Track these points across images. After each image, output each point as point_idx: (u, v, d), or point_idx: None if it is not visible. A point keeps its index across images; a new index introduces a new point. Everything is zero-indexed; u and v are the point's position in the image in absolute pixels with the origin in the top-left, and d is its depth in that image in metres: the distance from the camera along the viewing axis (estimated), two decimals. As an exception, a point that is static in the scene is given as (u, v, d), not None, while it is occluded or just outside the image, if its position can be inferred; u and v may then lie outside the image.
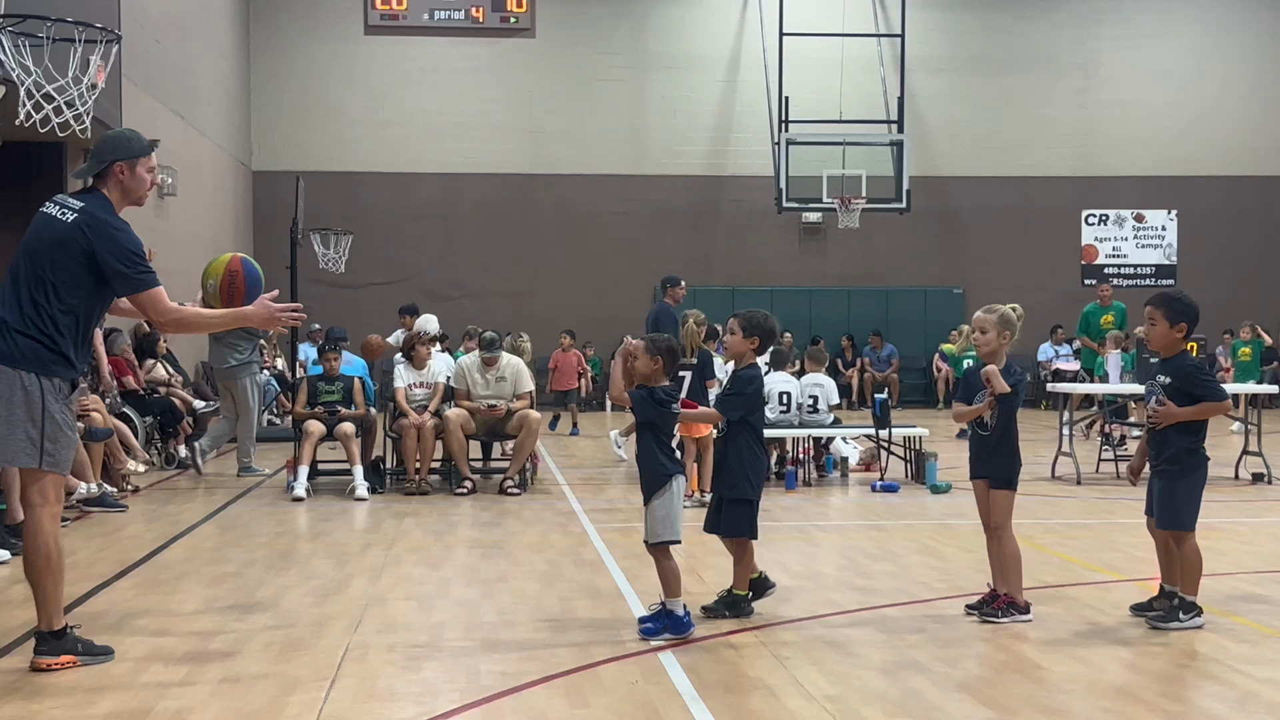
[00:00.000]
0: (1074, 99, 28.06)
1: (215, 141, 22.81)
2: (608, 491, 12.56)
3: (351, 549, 9.17)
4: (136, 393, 14.13)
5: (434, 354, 13.05)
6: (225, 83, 24.00)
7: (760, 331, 7.03)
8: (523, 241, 27.19)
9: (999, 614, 6.75)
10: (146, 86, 17.45)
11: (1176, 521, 6.68)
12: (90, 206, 5.87)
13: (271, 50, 26.71)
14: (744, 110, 27.36)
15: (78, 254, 5.74)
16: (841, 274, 27.73)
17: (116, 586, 7.73)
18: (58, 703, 5.24)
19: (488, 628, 6.64)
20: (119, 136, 6.20)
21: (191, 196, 20.53)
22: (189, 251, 20.66)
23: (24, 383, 5.66)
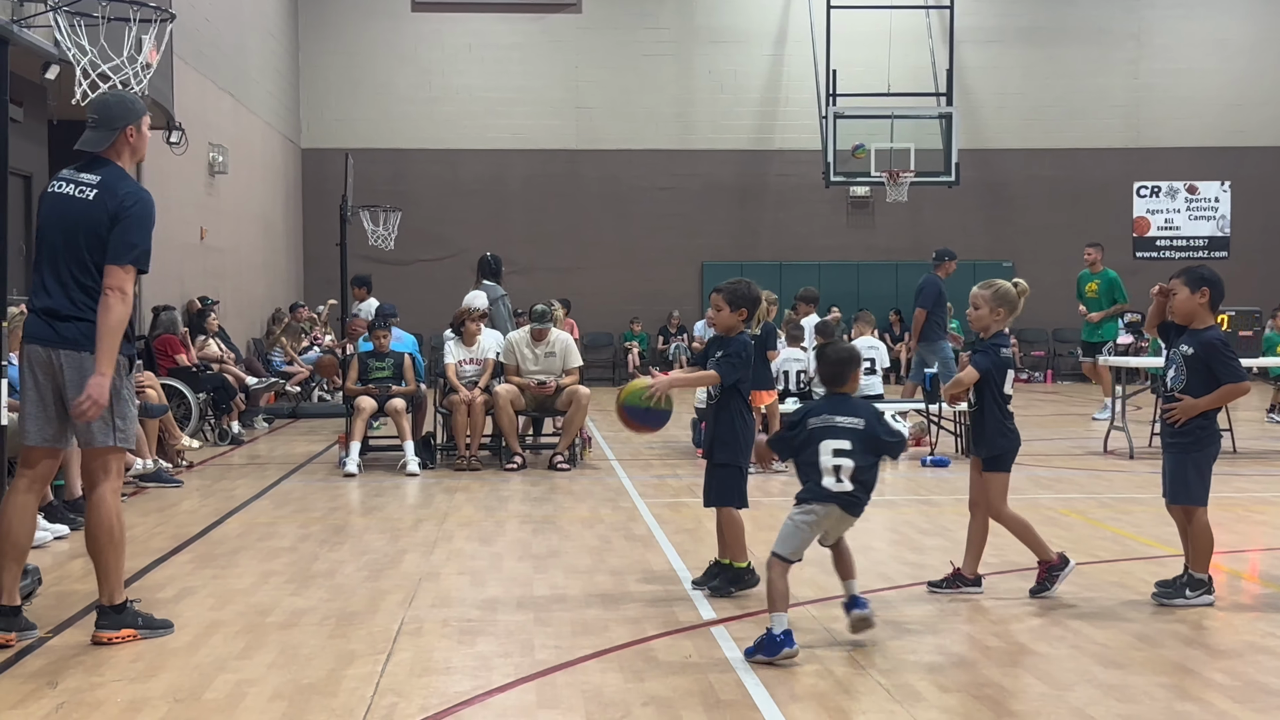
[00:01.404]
0: (1126, 69, 27.74)
1: (265, 119, 22.94)
2: (656, 467, 12.58)
3: (404, 524, 9.24)
4: (189, 369, 14.27)
5: (483, 330, 13.10)
6: (275, 61, 24.12)
7: (746, 302, 6.98)
8: (570, 217, 27.20)
9: (1039, 589, 6.72)
10: (197, 65, 17.56)
11: (1187, 496, 6.60)
12: (110, 179, 5.83)
13: (320, 28, 26.81)
14: (791, 84, 27.23)
15: (108, 230, 5.73)
16: (889, 248, 27.59)
17: (174, 561, 7.83)
18: (119, 675, 5.32)
19: (540, 602, 6.68)
20: (123, 100, 6.09)
21: (242, 174, 20.67)
22: (240, 228, 20.82)
23: (91, 365, 5.67)
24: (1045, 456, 13.33)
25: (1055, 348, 27.39)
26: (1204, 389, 6.56)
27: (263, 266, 22.64)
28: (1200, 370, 6.56)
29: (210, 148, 18.49)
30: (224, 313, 17.62)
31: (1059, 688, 5.15)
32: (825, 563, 7.49)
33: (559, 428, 12.89)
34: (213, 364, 15.13)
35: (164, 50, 8.65)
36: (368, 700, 4.99)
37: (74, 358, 5.73)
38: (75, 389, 5.70)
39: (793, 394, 13.05)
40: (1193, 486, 6.60)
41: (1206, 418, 6.63)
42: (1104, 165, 27.65)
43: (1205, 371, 6.55)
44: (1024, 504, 10.02)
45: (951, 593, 6.79)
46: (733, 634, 5.98)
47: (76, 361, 5.73)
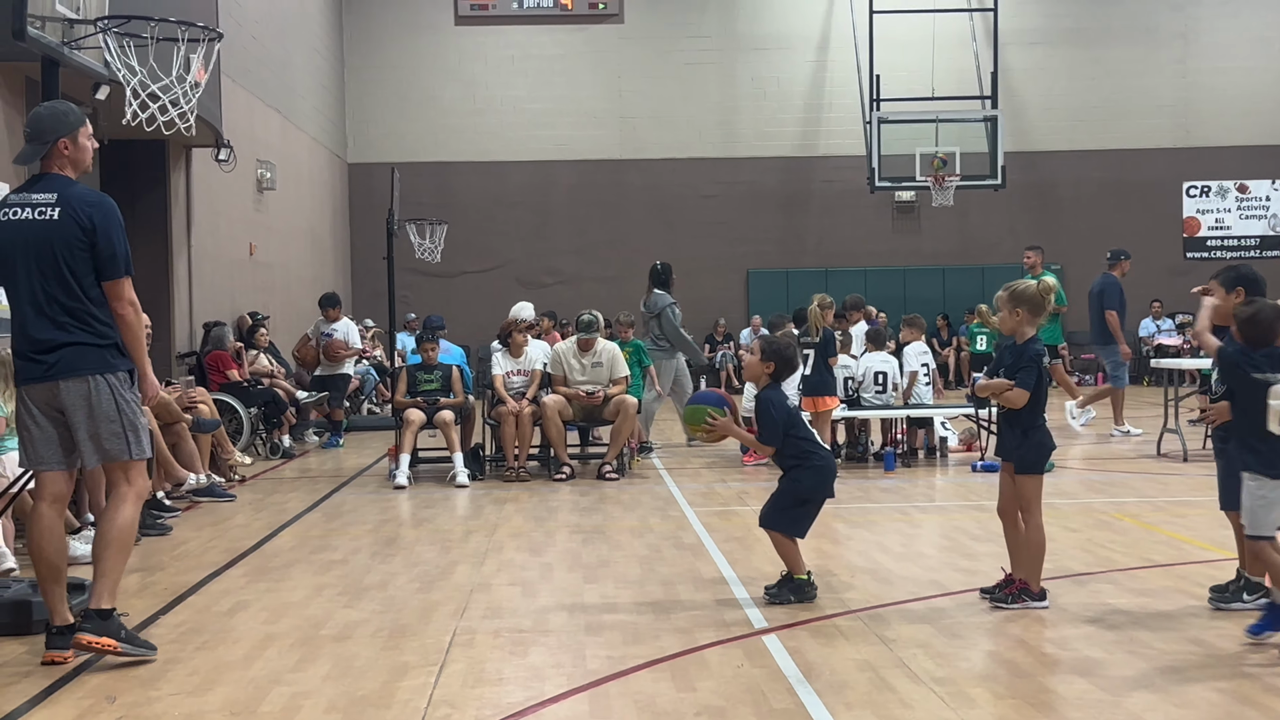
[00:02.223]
0: (1173, 69, 27.50)
1: (311, 135, 23.12)
2: (705, 475, 12.57)
3: (454, 535, 9.27)
4: (240, 384, 14.39)
5: (530, 341, 13.14)
6: (320, 77, 24.32)
7: (779, 359, 7.02)
8: (615, 226, 27.25)
9: (1009, 600, 6.60)
10: (244, 82, 17.73)
11: (1239, 501, 6.52)
12: (65, 194, 5.70)
13: (365, 43, 27.01)
14: (835, 90, 27.17)
15: (84, 244, 5.64)
16: (936, 252, 27.46)
17: (228, 575, 7.89)
18: (176, 689, 5.37)
19: (591, 612, 6.69)
20: (54, 112, 5.89)
21: (289, 190, 20.84)
22: (288, 244, 20.99)
23: (92, 387, 5.69)
24: (1098, 460, 13.23)
25: (1105, 350, 27.13)
26: None
27: (311, 281, 22.80)
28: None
29: (258, 164, 18.66)
30: (273, 327, 17.76)
31: (1115, 694, 5.10)
32: (879, 570, 7.48)
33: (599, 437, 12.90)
34: (263, 378, 15.25)
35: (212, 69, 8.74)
36: (421, 712, 5.01)
37: (72, 386, 5.69)
38: (83, 414, 5.70)
39: (842, 401, 13.01)
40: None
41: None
42: (1153, 165, 27.41)
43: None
44: (1077, 508, 9.97)
45: (1010, 606, 6.69)
46: (784, 642, 5.96)
47: (79, 389, 5.68)
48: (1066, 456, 13.24)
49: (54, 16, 6.04)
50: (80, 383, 5.68)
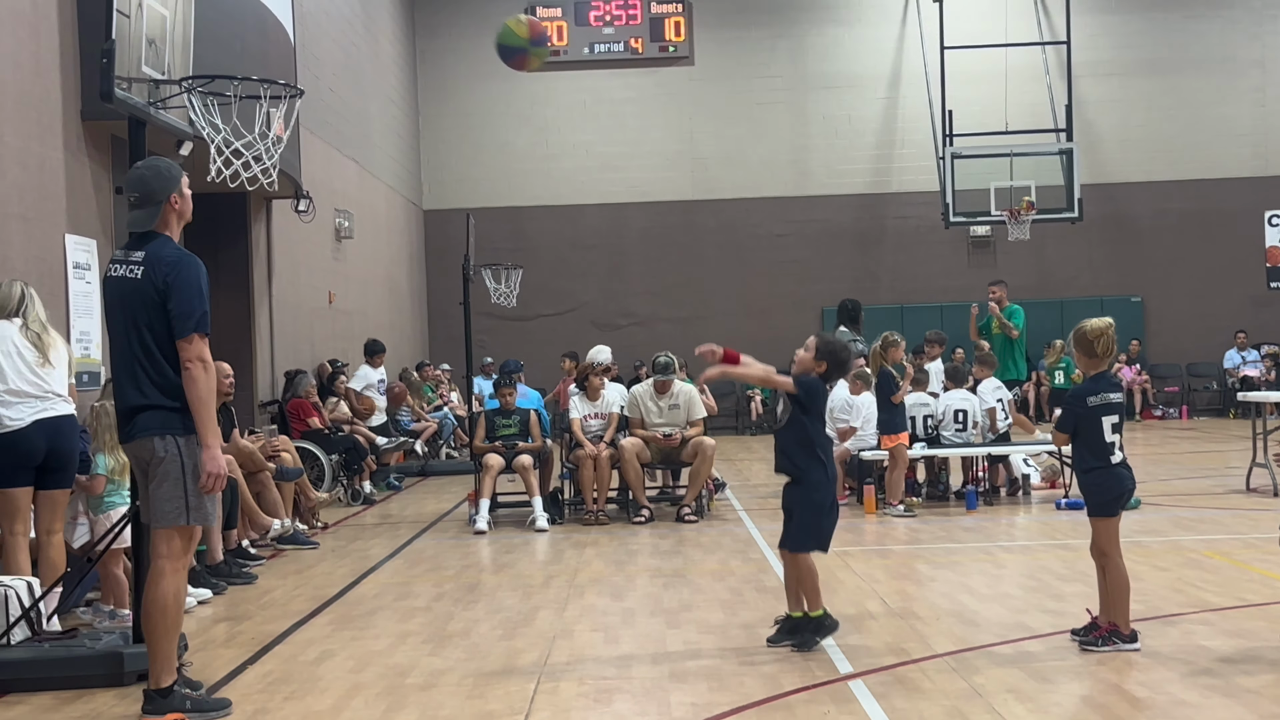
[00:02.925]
0: (1251, 97, 27.13)
1: (388, 183, 23.42)
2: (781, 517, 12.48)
3: (535, 581, 9.29)
4: (322, 431, 14.55)
5: (607, 384, 13.17)
6: (396, 125, 24.65)
7: (831, 359, 7.03)
8: (689, 267, 27.29)
9: (1099, 643, 6.50)
10: (322, 134, 18.01)
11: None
12: (152, 252, 5.77)
13: (439, 91, 27.34)
14: (906, 126, 27.09)
15: (158, 304, 5.69)
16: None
17: (313, 623, 7.95)
18: (266, 739, 5.42)
19: (675, 658, 6.66)
20: (158, 171, 5.93)
21: (367, 238, 21.10)
22: (366, 291, 21.24)
23: (159, 447, 5.71)
24: (1185, 496, 13.00)
25: (1190, 382, 26.73)
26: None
27: (389, 327, 23.03)
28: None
29: (336, 213, 18.92)
30: (352, 374, 17.94)
31: (1213, 740, 5.00)
32: (964, 612, 7.39)
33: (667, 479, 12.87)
34: (344, 425, 15.40)
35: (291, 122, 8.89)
36: (508, 761, 5.01)
37: (144, 445, 5.75)
38: (151, 472, 5.74)
39: (920, 439, 12.91)
40: None
41: None
42: (1233, 195, 27.00)
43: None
44: (1166, 546, 9.79)
45: (1105, 649, 6.59)
46: (871, 688, 5.90)
47: (147, 447, 5.73)
48: (1154, 493, 13.03)
49: (140, 78, 6.18)
50: (148, 441, 5.72)
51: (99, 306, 10.93)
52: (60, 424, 7.38)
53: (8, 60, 9.54)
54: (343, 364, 17.58)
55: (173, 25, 6.49)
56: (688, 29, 27.26)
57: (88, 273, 10.80)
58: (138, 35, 6.12)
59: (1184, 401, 26.51)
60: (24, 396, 7.30)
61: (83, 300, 10.63)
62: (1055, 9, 26.15)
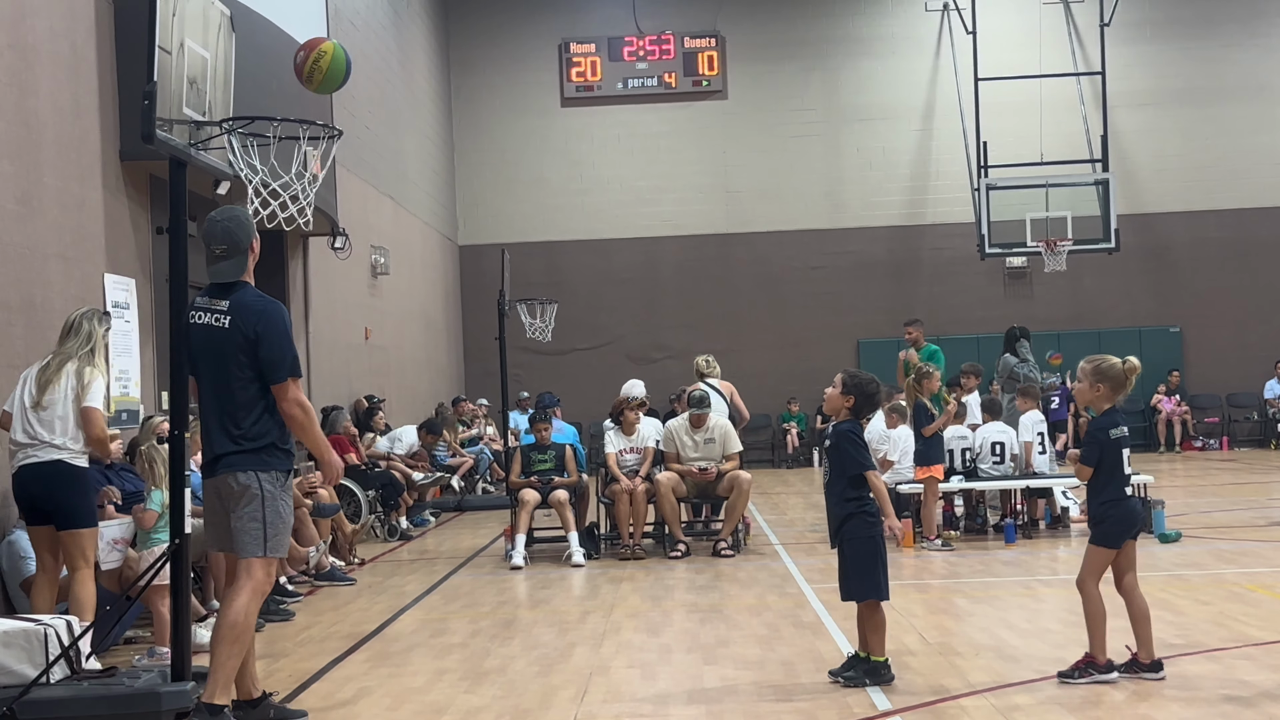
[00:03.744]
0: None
1: (423, 219, 23.56)
2: (821, 551, 12.44)
3: (571, 616, 9.27)
4: (358, 467, 14.60)
5: (642, 418, 13.17)
6: (431, 162, 24.81)
7: (859, 394, 7.01)
8: (723, 300, 27.30)
9: (1075, 674, 6.53)
10: (358, 171, 18.15)
11: None
12: (238, 301, 6.05)
13: (473, 128, 27.51)
14: (941, 158, 27.06)
15: (248, 352, 5.98)
16: (1050, 317, 27.05)
17: (350, 660, 7.96)
18: (303, 777, 5.42)
19: (712, 695, 6.64)
20: (239, 220, 6.24)
21: (403, 274, 21.22)
22: (402, 327, 21.34)
23: (244, 484, 5.99)
24: (1226, 528, 12.87)
25: (1230, 413, 26.48)
26: None
27: (425, 363, 23.13)
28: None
29: (372, 250, 19.05)
30: (389, 409, 18.01)
31: (1258, 778, 4.94)
32: (1004, 647, 7.33)
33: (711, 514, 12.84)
34: (380, 461, 15.45)
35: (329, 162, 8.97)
36: (545, 800, 4.99)
37: (229, 479, 6.02)
38: (233, 505, 6.02)
39: (958, 472, 12.85)
40: None
41: None
42: (1273, 224, 26.81)
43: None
44: (1208, 579, 9.70)
45: (1133, 677, 6.58)
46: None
47: (231, 481, 6.01)
48: (1195, 525, 12.91)
49: (181, 119, 6.24)
50: (231, 476, 6.00)
51: (137, 345, 11.04)
52: (40, 470, 7.48)
53: (47, 102, 9.67)
54: (379, 399, 17.64)
55: (213, 66, 6.55)
56: (721, 63, 27.37)
57: (127, 312, 10.90)
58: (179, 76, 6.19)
59: (1224, 432, 26.25)
60: (19, 446, 7.56)
61: (121, 339, 10.72)
62: (1090, 39, 26.11)
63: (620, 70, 27.36)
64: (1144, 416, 26.42)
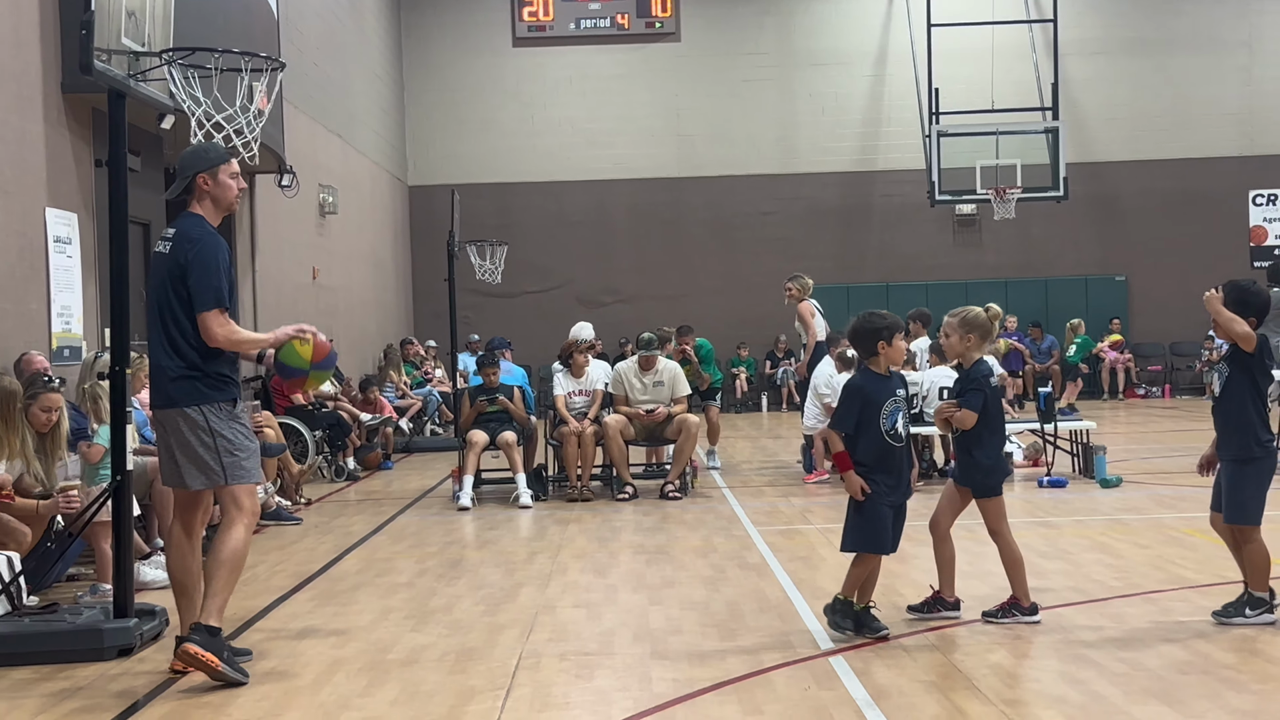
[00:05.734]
0: (1238, 76, 27.15)
1: (373, 159, 23.33)
2: (768, 494, 12.52)
3: (518, 557, 9.29)
4: (305, 407, 14.51)
5: (591, 361, 13.16)
6: (380, 101, 24.54)
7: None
8: (674, 245, 27.27)
9: (999, 615, 6.65)
10: (306, 108, 17.92)
11: (1242, 515, 6.47)
12: (182, 229, 6.08)
13: (423, 67, 27.23)
14: (893, 104, 27.06)
15: (180, 279, 5.98)
16: (998, 265, 27.23)
17: (295, 599, 7.95)
18: (246, 715, 5.41)
19: (657, 634, 6.67)
20: (196, 150, 6.32)
21: (351, 214, 21.03)
22: (350, 267, 21.17)
23: (190, 419, 5.97)
24: (1166, 474, 13.04)
25: (1173, 361, 26.81)
26: (1233, 400, 6.53)
27: (374, 303, 22.99)
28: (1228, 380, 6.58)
29: (320, 189, 18.85)
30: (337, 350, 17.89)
31: (1190, 715, 5.02)
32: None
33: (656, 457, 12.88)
34: (328, 401, 15.37)
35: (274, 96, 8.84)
36: (489, 736, 5.01)
37: (169, 415, 6.02)
38: (175, 441, 6.01)
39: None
40: (1248, 505, 6.47)
41: (1263, 432, 6.51)
42: (1218, 175, 27.06)
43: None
44: (1146, 523, 9.84)
45: (931, 617, 6.74)
46: (852, 664, 5.92)
47: (172, 418, 6.00)
48: (1136, 471, 13.08)
49: (120, 50, 6.13)
50: (173, 413, 5.99)
51: (79, 280, 10.90)
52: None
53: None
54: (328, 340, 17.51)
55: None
56: (674, 5, 27.19)
57: (69, 247, 10.74)
58: (117, 7, 6.08)
59: (1166, 380, 26.59)
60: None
61: (64, 275, 10.58)
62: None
63: (572, 10, 27.13)
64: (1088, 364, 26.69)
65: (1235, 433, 6.53)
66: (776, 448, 17.55)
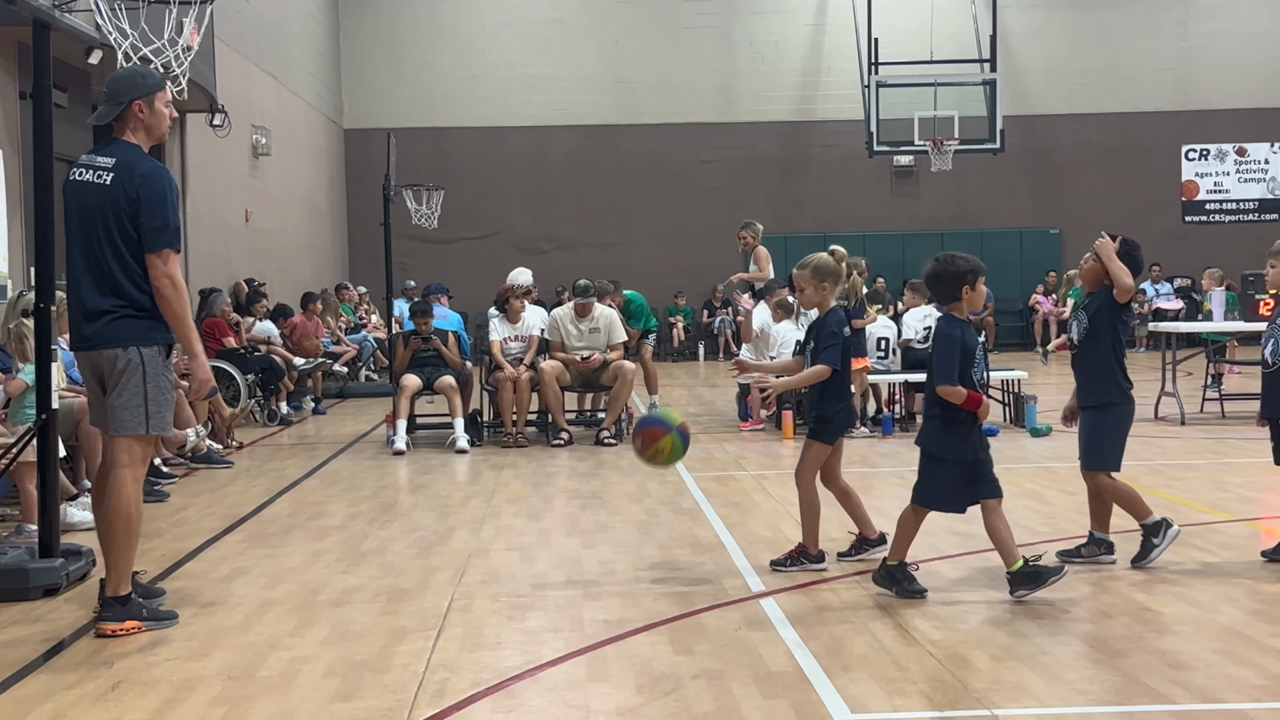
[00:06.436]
0: (1173, 31, 27.38)
1: (307, 100, 23.02)
2: (704, 440, 12.56)
3: (452, 501, 9.27)
4: (238, 351, 14.36)
5: (528, 307, 13.11)
6: (316, 42, 24.19)
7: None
8: (613, 193, 27.18)
9: (787, 563, 6.73)
10: (239, 47, 17.63)
11: (1100, 462, 6.63)
12: (125, 160, 5.71)
13: (360, 7, 26.86)
14: (833, 54, 27.06)
15: (130, 215, 5.63)
16: (934, 217, 27.39)
17: (226, 541, 7.89)
18: (174, 654, 5.37)
19: (589, 577, 6.69)
20: (132, 74, 6.00)
21: (285, 156, 20.76)
22: (284, 209, 20.93)
23: (125, 360, 5.65)
24: (1095, 424, 13.20)
25: (1104, 314, 27.12)
26: (1096, 349, 6.65)
27: (308, 248, 22.76)
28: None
29: (253, 130, 18.58)
30: (270, 293, 17.72)
31: (1112, 655, 5.11)
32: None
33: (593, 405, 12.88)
34: (260, 345, 15.22)
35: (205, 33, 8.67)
36: (419, 676, 5.01)
37: (106, 355, 5.68)
38: (111, 382, 5.68)
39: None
40: (1106, 452, 6.63)
41: (1124, 380, 6.66)
42: (1152, 129, 27.32)
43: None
44: (1073, 471, 9.90)
45: (864, 558, 6.86)
46: (782, 606, 5.97)
47: (110, 358, 5.67)
48: (1064, 420, 13.23)
49: (45, -21, 5.99)
50: (113, 353, 5.66)
51: (4, 217, 10.68)
52: None
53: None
54: (260, 283, 17.34)
55: (79, -74, 6.29)
56: (615, -50, 26.95)
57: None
58: (41, -65, 5.93)
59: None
60: None
61: (-12, 212, 10.37)
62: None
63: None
64: (1021, 316, 26.97)
65: (1097, 380, 6.65)
66: (713, 396, 17.61)
